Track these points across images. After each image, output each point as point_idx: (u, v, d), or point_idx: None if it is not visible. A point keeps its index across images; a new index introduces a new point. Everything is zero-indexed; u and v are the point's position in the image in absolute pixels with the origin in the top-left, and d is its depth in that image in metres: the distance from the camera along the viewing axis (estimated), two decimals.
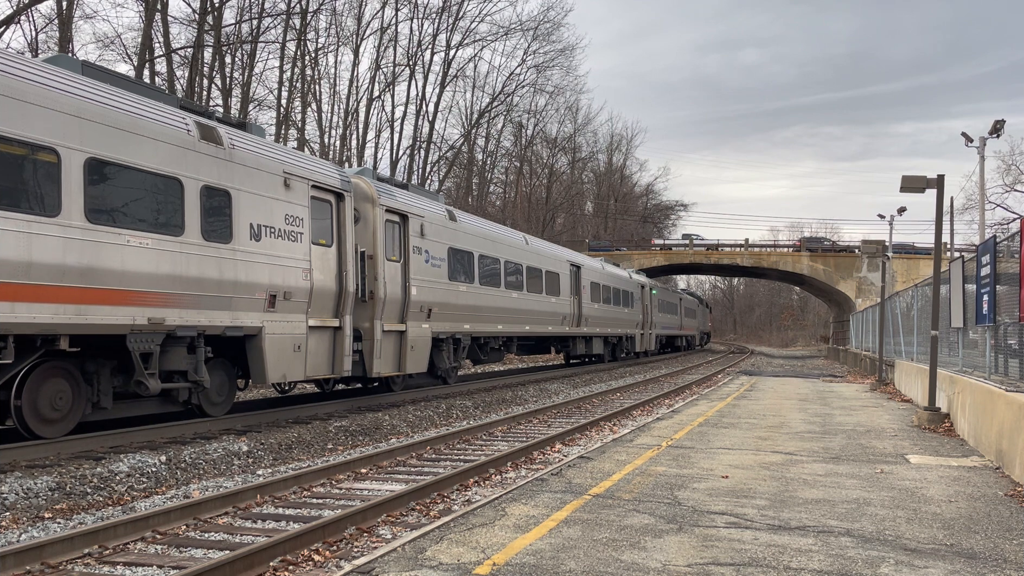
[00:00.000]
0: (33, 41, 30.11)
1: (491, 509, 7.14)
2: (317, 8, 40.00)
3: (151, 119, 10.57)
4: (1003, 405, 9.66)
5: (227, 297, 11.69)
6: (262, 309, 12.32)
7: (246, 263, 12.00)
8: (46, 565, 6.19)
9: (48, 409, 9.99)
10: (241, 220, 11.93)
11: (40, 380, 9.83)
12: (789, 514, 7.05)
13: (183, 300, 10.91)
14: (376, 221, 15.50)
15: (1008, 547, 6.07)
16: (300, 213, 13.19)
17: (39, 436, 9.82)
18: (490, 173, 62.17)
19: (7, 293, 8.65)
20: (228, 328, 11.75)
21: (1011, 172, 51.00)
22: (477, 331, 20.20)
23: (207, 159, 11.38)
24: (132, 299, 10.14)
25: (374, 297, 15.35)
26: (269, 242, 12.45)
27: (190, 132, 11.17)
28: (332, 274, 14.00)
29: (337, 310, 14.17)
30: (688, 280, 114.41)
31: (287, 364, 12.88)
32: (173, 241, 10.72)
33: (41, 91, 9.14)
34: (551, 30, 55.25)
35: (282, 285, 12.68)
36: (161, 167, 10.62)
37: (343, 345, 14.19)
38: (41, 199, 9.06)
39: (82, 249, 9.48)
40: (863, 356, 34.84)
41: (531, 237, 26.87)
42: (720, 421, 14.16)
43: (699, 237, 71.75)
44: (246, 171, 12.10)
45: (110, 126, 9.93)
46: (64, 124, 9.35)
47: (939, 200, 14.50)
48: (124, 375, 10.89)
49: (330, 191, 14.10)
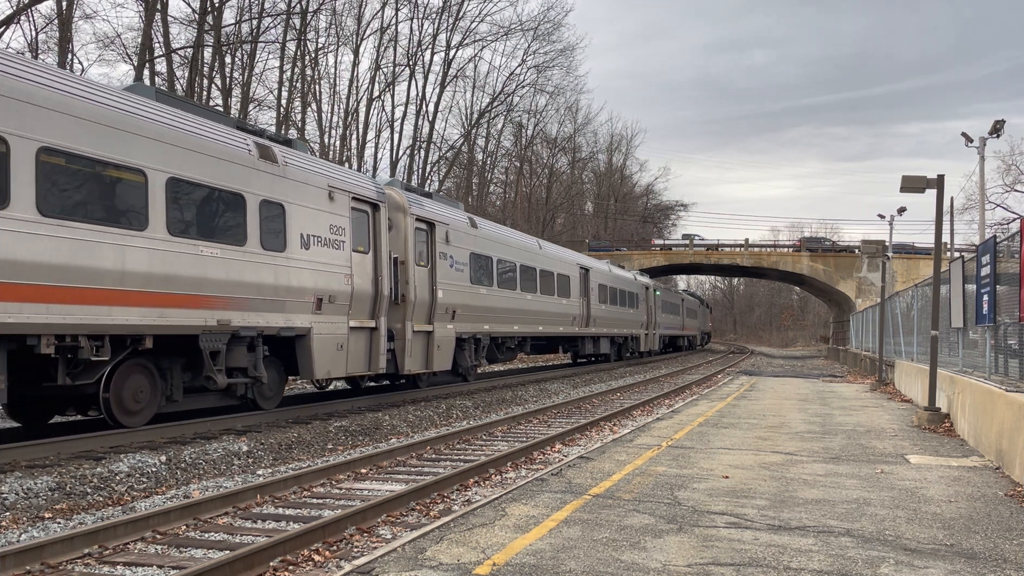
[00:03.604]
0: (33, 41, 30.14)
1: (491, 509, 7.14)
2: (317, 8, 40.05)
3: (219, 141, 11.71)
4: (1003, 405, 9.66)
5: (281, 301, 12.76)
6: (310, 311, 13.42)
7: (297, 269, 13.09)
8: (46, 565, 6.19)
9: (131, 401, 11.03)
10: (293, 231, 13.04)
11: (124, 376, 10.83)
12: (789, 514, 7.05)
13: (245, 303, 12.00)
14: (407, 229, 16.61)
15: (1008, 547, 6.07)
16: (342, 223, 14.30)
17: (123, 425, 10.86)
18: (490, 173, 62.22)
19: (107, 298, 9.77)
20: (282, 329, 12.84)
21: (1011, 172, 51.03)
22: (495, 331, 21.27)
23: (265, 176, 12.50)
24: (204, 303, 11.26)
25: (405, 300, 16.43)
26: (316, 250, 13.58)
27: (251, 152, 12.31)
28: (369, 279, 15.09)
29: (373, 312, 15.22)
30: (688, 280, 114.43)
31: (331, 362, 13.98)
32: (237, 250, 11.84)
33: (133, 120, 10.30)
34: (551, 30, 55.35)
35: (327, 289, 13.77)
36: (228, 184, 11.75)
37: (379, 344, 15.26)
38: (133, 216, 10.22)
39: (164, 259, 10.60)
40: (863, 356, 34.84)
41: (543, 241, 27.83)
42: (720, 421, 14.16)
43: (699, 237, 71.75)
44: (296, 186, 13.20)
45: (186, 148, 11.06)
46: (150, 148, 10.49)
47: (939, 200, 14.50)
48: (192, 371, 11.92)
49: (367, 202, 15.20)
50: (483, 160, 59.79)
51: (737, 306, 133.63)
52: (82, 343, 9.61)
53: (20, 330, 8.83)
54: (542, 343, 28.00)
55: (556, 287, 26.32)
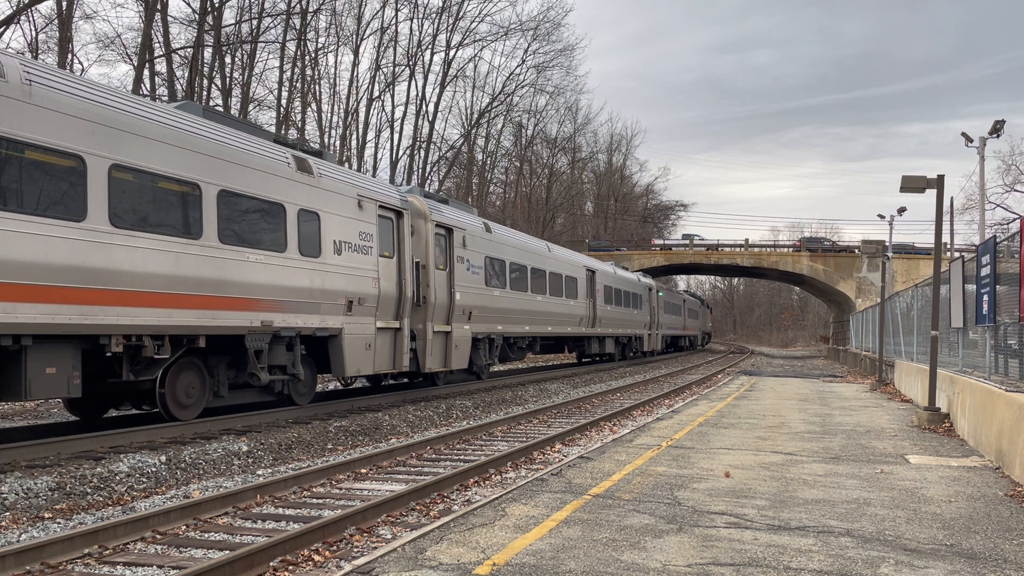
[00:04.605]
0: (33, 41, 30.13)
1: (491, 509, 7.14)
2: (317, 8, 40.01)
3: (262, 155, 12.58)
4: (1003, 405, 9.66)
5: (317, 303, 13.56)
6: (342, 313, 14.24)
7: (331, 274, 13.91)
8: (46, 565, 6.19)
9: (184, 396, 11.89)
10: (327, 237, 13.86)
11: (177, 372, 11.67)
12: (789, 514, 7.05)
13: (285, 306, 12.83)
14: (428, 235, 17.43)
15: (1008, 547, 6.07)
16: (370, 230, 15.14)
17: (176, 418, 11.70)
18: (490, 173, 62.14)
19: (167, 301, 10.65)
20: (317, 329, 13.64)
21: (1011, 172, 50.98)
22: (508, 332, 22.10)
23: (302, 187, 13.33)
24: (250, 305, 12.10)
25: (426, 302, 17.23)
26: (348, 255, 14.42)
27: (289, 164, 13.17)
28: (394, 282, 15.90)
29: (397, 313, 16.05)
30: (688, 280, 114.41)
31: (360, 360, 14.80)
32: (279, 256, 12.70)
33: (189, 137, 11.14)
34: (551, 30, 55.25)
35: (357, 292, 14.59)
36: (270, 195, 12.61)
37: (403, 344, 16.12)
38: (190, 225, 11.08)
39: (215, 265, 11.44)
40: (863, 356, 34.83)
41: (552, 244, 28.68)
42: (720, 421, 14.16)
43: (699, 237, 71.74)
44: (330, 195, 14.02)
45: (235, 163, 11.92)
46: (204, 163, 11.35)
47: (939, 200, 14.50)
48: (235, 369, 12.78)
49: (392, 209, 16.03)
50: (483, 160, 59.74)
51: (737, 306, 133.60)
52: (145, 342, 10.50)
53: (94, 331, 9.71)
54: (550, 343, 28.89)
55: (564, 289, 27.18)
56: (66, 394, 9.69)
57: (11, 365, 9.06)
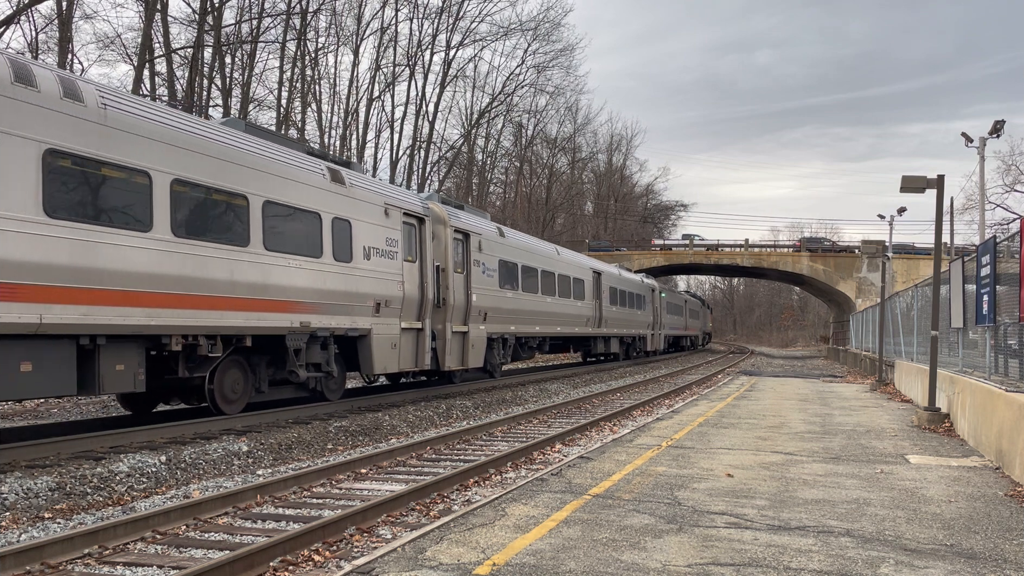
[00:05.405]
0: (33, 41, 30.12)
1: (491, 509, 7.14)
2: (317, 8, 40.01)
3: (300, 167, 13.42)
4: (1003, 405, 9.66)
5: (349, 305, 14.38)
6: (371, 314, 15.09)
7: (361, 278, 14.75)
8: (46, 565, 6.19)
9: (230, 392, 12.74)
10: (358, 243, 14.71)
11: (224, 370, 12.49)
12: (789, 514, 7.05)
13: (321, 308, 13.63)
14: (447, 239, 18.26)
15: (1008, 547, 6.07)
16: (395, 236, 16.01)
17: (223, 413, 12.55)
18: (490, 173, 62.14)
19: (220, 304, 11.49)
20: (349, 329, 14.47)
21: (1011, 172, 50.94)
22: (520, 332, 22.94)
23: (336, 196, 14.17)
24: (291, 307, 12.94)
25: (446, 303, 18.05)
26: (376, 260, 15.27)
27: (324, 176, 14.04)
28: (416, 285, 16.75)
29: (419, 314, 16.91)
30: (688, 280, 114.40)
31: (387, 358, 15.66)
32: (315, 261, 13.52)
33: (237, 152, 11.98)
34: (551, 30, 55.23)
35: (384, 295, 15.42)
36: (308, 205, 13.43)
37: (424, 343, 17.00)
38: (239, 234, 11.94)
39: (261, 270, 12.30)
40: (863, 356, 34.83)
41: (560, 247, 29.63)
42: (720, 421, 14.16)
43: (699, 237, 71.72)
44: (360, 204, 14.87)
45: (276, 175, 12.74)
46: (250, 176, 12.18)
47: (939, 200, 14.50)
48: (275, 367, 13.63)
49: (415, 216, 16.89)
50: (483, 160, 59.73)
51: (737, 306, 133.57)
52: (200, 342, 11.39)
53: (159, 331, 10.60)
54: (559, 343, 29.68)
55: (572, 290, 28.09)
56: (132, 389, 10.45)
57: (87, 363, 9.88)
